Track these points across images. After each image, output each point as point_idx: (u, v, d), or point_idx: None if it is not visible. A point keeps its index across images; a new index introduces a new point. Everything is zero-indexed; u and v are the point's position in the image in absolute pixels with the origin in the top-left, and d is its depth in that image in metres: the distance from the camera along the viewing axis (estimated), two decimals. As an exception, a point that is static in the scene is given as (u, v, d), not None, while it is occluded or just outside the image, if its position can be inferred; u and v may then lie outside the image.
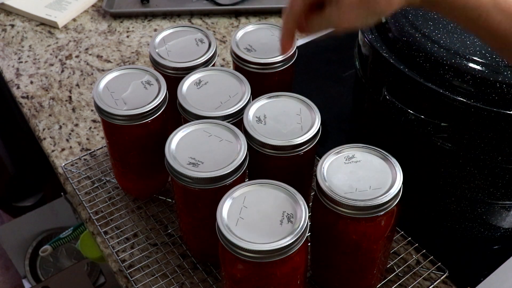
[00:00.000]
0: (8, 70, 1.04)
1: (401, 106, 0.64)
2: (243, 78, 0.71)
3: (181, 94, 0.69)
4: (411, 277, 0.70)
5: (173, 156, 0.61)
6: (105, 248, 0.75)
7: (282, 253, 0.53)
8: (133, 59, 1.05)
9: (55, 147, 0.89)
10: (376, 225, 0.58)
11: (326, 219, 0.59)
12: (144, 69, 0.72)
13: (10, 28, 1.14)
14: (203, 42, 0.77)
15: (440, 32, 0.64)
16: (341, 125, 0.92)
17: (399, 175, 0.58)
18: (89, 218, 0.78)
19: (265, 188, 0.58)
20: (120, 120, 0.67)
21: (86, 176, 0.83)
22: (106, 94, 0.69)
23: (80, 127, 0.92)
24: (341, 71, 1.02)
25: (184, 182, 0.60)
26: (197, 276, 0.71)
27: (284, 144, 0.62)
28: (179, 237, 0.75)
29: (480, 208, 0.70)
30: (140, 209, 0.79)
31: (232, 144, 0.62)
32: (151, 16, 1.16)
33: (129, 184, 0.78)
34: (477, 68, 0.60)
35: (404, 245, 0.74)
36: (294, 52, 0.76)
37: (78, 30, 1.13)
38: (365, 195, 0.56)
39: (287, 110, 0.67)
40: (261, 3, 1.16)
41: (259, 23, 0.80)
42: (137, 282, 0.70)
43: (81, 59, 1.06)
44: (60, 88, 1.00)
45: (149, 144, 0.71)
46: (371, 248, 0.60)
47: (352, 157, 0.60)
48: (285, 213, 0.55)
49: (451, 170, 0.66)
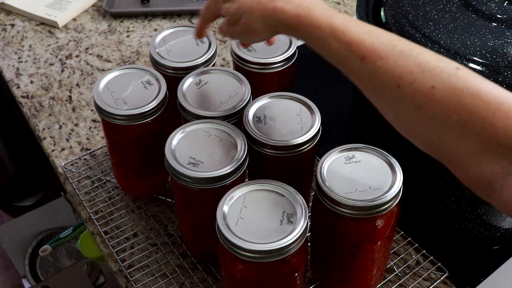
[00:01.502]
0: (8, 69, 1.04)
1: (401, 106, 0.64)
2: (243, 78, 0.71)
3: (181, 94, 0.69)
4: (411, 277, 0.70)
5: (173, 156, 0.61)
6: (105, 248, 0.75)
7: (282, 253, 0.52)
8: (133, 59, 1.05)
9: (55, 146, 0.88)
10: (376, 225, 0.58)
11: (326, 219, 0.59)
12: (144, 69, 0.72)
13: (10, 28, 1.14)
14: (203, 42, 0.77)
15: (440, 32, 0.64)
16: (341, 125, 0.92)
17: (399, 175, 0.58)
18: (89, 218, 0.78)
19: (265, 188, 0.58)
20: (120, 120, 0.67)
21: (86, 176, 0.83)
22: (106, 93, 0.69)
23: (80, 127, 0.92)
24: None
25: (184, 182, 0.60)
26: (197, 276, 0.71)
27: (284, 144, 0.62)
28: (179, 237, 0.75)
29: (480, 208, 0.70)
30: (140, 209, 0.79)
31: (232, 144, 0.62)
32: (151, 16, 1.16)
33: (129, 184, 0.78)
34: (477, 68, 0.60)
35: (404, 245, 0.74)
36: (294, 52, 0.76)
37: (78, 30, 1.13)
38: (365, 195, 0.56)
39: (287, 110, 0.67)
40: (261, 3, 1.16)
41: (259, 23, 0.80)
42: (137, 282, 0.70)
43: (81, 58, 1.06)
44: (60, 87, 1.00)
45: (149, 144, 0.71)
46: (371, 248, 0.60)
47: (352, 157, 0.60)
48: (285, 213, 0.55)
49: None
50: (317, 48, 0.52)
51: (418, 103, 0.45)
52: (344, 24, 0.49)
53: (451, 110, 0.43)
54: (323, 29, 0.50)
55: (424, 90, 0.45)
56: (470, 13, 0.64)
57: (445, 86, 0.44)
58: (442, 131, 0.45)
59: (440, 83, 0.44)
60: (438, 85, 0.44)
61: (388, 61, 0.46)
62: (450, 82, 0.44)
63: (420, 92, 0.45)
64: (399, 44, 0.47)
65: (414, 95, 0.45)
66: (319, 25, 0.50)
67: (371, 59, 0.47)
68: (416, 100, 0.45)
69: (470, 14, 0.64)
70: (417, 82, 0.45)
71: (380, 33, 0.48)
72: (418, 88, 0.45)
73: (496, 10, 0.63)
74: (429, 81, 0.44)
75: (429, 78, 0.44)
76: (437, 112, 0.44)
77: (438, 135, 0.45)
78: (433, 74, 0.45)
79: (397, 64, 0.46)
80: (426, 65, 0.45)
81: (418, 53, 0.46)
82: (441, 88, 0.44)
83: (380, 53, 0.47)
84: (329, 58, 0.51)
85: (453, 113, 0.43)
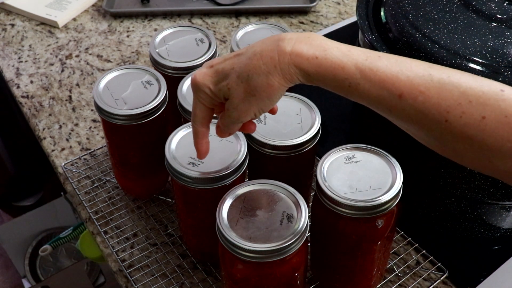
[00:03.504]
0: (8, 69, 1.04)
1: (401, 106, 0.64)
2: (243, 78, 0.71)
3: (181, 94, 0.69)
4: (411, 277, 0.70)
5: (173, 156, 0.61)
6: (105, 247, 0.75)
7: (282, 253, 0.53)
8: (133, 59, 1.05)
9: (55, 146, 0.88)
10: (376, 225, 0.58)
11: (326, 219, 0.59)
12: (144, 69, 0.72)
13: (10, 28, 1.14)
14: (203, 42, 0.77)
15: (440, 32, 0.64)
16: (341, 125, 0.92)
17: (399, 175, 0.58)
18: (89, 218, 0.78)
19: (265, 188, 0.58)
20: (120, 120, 0.67)
21: (86, 175, 0.83)
22: (106, 93, 0.69)
23: (80, 127, 0.92)
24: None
25: (184, 182, 0.60)
26: (197, 276, 0.71)
27: (284, 144, 0.62)
28: (179, 237, 0.75)
29: (480, 209, 0.70)
30: (140, 209, 0.79)
31: (232, 144, 0.62)
32: (151, 16, 1.16)
33: (129, 184, 0.78)
34: (477, 68, 0.60)
35: (404, 245, 0.74)
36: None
37: (78, 30, 1.13)
38: (365, 195, 0.56)
39: (287, 110, 0.67)
40: (261, 3, 1.16)
41: (259, 23, 0.80)
42: (137, 282, 0.70)
43: (81, 58, 1.06)
44: (60, 87, 1.00)
45: (149, 144, 0.71)
46: (371, 248, 0.60)
47: (352, 157, 0.60)
48: (285, 213, 0.55)
49: (451, 170, 0.66)
50: (342, 90, 0.47)
51: (468, 135, 0.43)
52: (369, 60, 0.45)
53: (504, 139, 0.42)
54: (347, 69, 0.46)
55: (474, 122, 0.42)
56: (470, 13, 0.64)
57: (496, 115, 0.42)
58: (495, 158, 0.43)
59: (490, 112, 0.42)
60: (488, 114, 0.42)
61: (429, 95, 0.44)
62: (500, 109, 0.42)
63: (471, 124, 0.42)
64: (434, 73, 0.44)
65: (464, 128, 0.43)
66: (343, 65, 0.46)
67: (411, 95, 0.44)
68: (466, 132, 0.43)
69: (470, 14, 0.64)
70: (466, 114, 0.42)
71: (410, 63, 0.45)
72: (467, 121, 0.42)
73: (496, 10, 0.63)
74: (479, 111, 0.42)
75: (477, 108, 0.42)
76: (489, 142, 0.42)
77: (490, 161, 0.43)
78: (481, 102, 0.42)
79: (441, 97, 0.43)
80: (472, 93, 0.43)
81: (458, 80, 0.44)
82: (492, 118, 0.42)
83: (419, 87, 0.44)
84: (359, 99, 0.47)
85: (506, 141, 0.42)
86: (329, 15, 1.15)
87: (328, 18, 1.14)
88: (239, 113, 0.50)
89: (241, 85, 0.48)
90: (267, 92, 0.48)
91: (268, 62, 0.47)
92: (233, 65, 0.49)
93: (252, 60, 0.48)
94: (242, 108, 0.50)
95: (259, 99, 0.49)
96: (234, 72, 0.49)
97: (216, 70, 0.50)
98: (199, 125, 0.54)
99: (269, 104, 0.50)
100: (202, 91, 0.51)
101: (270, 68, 0.47)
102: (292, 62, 0.47)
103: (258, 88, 0.48)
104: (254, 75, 0.47)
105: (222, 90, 0.50)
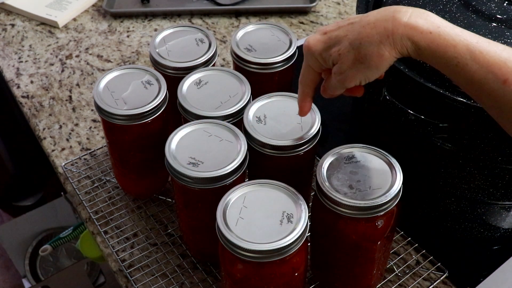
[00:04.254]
0: (8, 69, 1.04)
1: (401, 106, 0.64)
2: (243, 78, 0.71)
3: (181, 94, 0.69)
4: (411, 277, 0.70)
5: (173, 156, 0.61)
6: (105, 247, 0.75)
7: (282, 253, 0.53)
8: (133, 59, 1.05)
9: (55, 146, 0.89)
10: (376, 225, 0.58)
11: (326, 219, 0.59)
12: (144, 69, 0.72)
13: (11, 28, 1.14)
14: (203, 42, 0.77)
15: (440, 32, 0.64)
16: (341, 125, 0.92)
17: (399, 175, 0.58)
18: (89, 218, 0.78)
19: (265, 188, 0.58)
20: (120, 120, 0.67)
21: (86, 175, 0.83)
22: (106, 93, 0.69)
23: (80, 127, 0.92)
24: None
25: (184, 182, 0.60)
26: (197, 276, 0.71)
27: (284, 144, 0.62)
28: (179, 237, 0.75)
29: (480, 209, 0.70)
30: (140, 209, 0.79)
31: (232, 144, 0.62)
32: (151, 16, 1.16)
33: (129, 184, 0.78)
34: (477, 68, 0.60)
35: (404, 245, 0.74)
36: (294, 52, 0.76)
37: (79, 30, 1.13)
38: (365, 195, 0.56)
39: (287, 110, 0.67)
40: (261, 3, 1.16)
41: (259, 23, 0.80)
42: (137, 282, 0.70)
43: (81, 58, 1.06)
44: (60, 87, 1.00)
45: (149, 144, 0.71)
46: (371, 248, 0.60)
47: (352, 157, 0.60)
48: (285, 213, 0.55)
49: (451, 171, 0.66)
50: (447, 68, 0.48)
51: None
52: (479, 43, 0.46)
53: None
54: (459, 48, 0.46)
55: None
56: (470, 13, 0.64)
57: None
58: None
59: None
60: None
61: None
62: None
63: None
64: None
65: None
66: (455, 43, 0.46)
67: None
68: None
69: (470, 14, 0.64)
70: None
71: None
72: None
73: (496, 10, 0.63)
74: None
75: None
76: None
77: None
78: None
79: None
80: None
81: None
82: None
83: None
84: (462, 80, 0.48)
85: None
86: (329, 15, 1.15)
87: (328, 18, 1.14)
88: (345, 78, 0.52)
89: (352, 52, 0.50)
90: (376, 61, 0.49)
91: (382, 31, 0.48)
92: (347, 32, 0.50)
93: (366, 29, 0.49)
94: (349, 74, 0.51)
95: (367, 68, 0.50)
96: (347, 39, 0.50)
97: (329, 36, 0.52)
98: (305, 87, 0.58)
99: (376, 73, 0.51)
100: (313, 56, 0.53)
101: (383, 38, 0.48)
102: (406, 34, 0.47)
103: (368, 57, 0.49)
104: (366, 43, 0.49)
105: (332, 55, 0.51)
